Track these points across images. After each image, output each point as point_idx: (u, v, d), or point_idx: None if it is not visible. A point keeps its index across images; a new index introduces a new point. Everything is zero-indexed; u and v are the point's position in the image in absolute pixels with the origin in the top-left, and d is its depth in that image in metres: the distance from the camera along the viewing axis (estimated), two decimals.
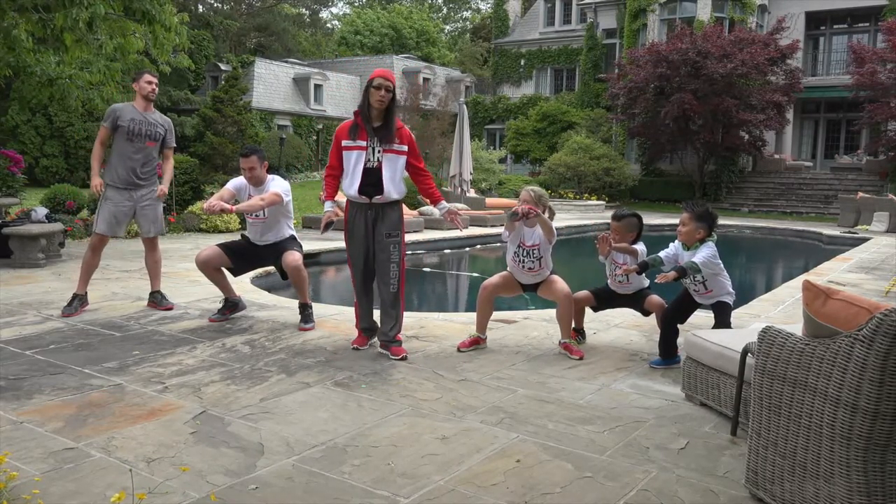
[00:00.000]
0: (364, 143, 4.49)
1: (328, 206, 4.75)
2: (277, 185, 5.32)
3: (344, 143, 4.55)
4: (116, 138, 5.67)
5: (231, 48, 40.48)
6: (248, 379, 4.00)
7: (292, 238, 5.47)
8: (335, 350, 4.67)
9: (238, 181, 5.41)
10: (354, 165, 4.49)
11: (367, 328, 4.80)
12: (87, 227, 10.53)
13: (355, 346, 4.72)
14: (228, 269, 5.44)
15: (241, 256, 5.44)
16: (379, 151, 4.48)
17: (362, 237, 4.59)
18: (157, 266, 5.95)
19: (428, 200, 4.84)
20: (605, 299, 4.93)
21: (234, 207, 4.98)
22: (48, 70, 9.37)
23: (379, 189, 4.49)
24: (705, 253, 4.30)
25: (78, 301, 5.63)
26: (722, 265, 4.43)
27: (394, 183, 4.52)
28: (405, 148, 4.56)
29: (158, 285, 5.98)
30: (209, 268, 5.34)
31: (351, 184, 4.50)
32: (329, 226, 4.72)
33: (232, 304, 5.55)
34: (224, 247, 5.40)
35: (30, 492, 2.50)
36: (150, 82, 5.70)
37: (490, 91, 34.83)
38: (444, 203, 4.74)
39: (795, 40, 22.70)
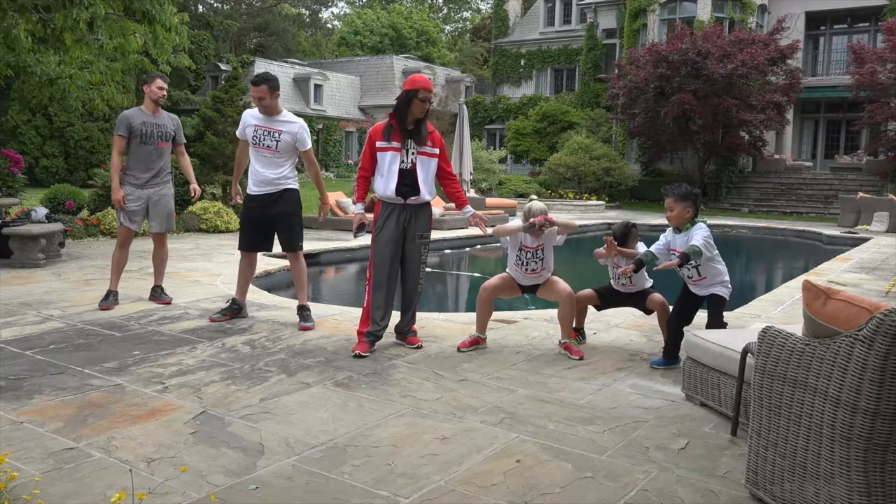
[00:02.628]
0: (398, 145, 4.55)
1: (358, 207, 4.75)
2: (305, 133, 5.27)
3: (378, 143, 4.58)
4: (131, 142, 5.83)
5: (231, 48, 40.48)
6: (248, 379, 4.00)
7: (296, 201, 5.36)
8: (335, 350, 4.67)
9: (243, 125, 5.28)
10: (389, 166, 4.55)
11: (374, 335, 4.65)
12: (87, 227, 10.53)
13: (357, 352, 4.51)
14: (265, 249, 5.50)
15: (257, 230, 5.37)
16: (413, 153, 4.57)
17: (393, 238, 4.61)
18: (163, 262, 6.15)
19: (454, 204, 4.94)
20: (609, 298, 4.94)
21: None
22: (48, 70, 9.36)
23: (415, 190, 4.58)
24: (702, 234, 4.27)
25: (113, 297, 5.88)
26: (717, 251, 4.41)
27: (427, 185, 4.62)
28: (437, 151, 4.67)
29: (161, 280, 6.16)
30: (251, 258, 5.50)
31: (387, 184, 4.55)
32: (362, 227, 4.73)
33: (237, 308, 5.54)
34: (245, 237, 5.43)
35: (30, 492, 2.50)
36: (161, 87, 5.87)
37: (490, 91, 34.83)
38: (469, 207, 4.86)
39: (795, 40, 22.70)
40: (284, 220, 5.31)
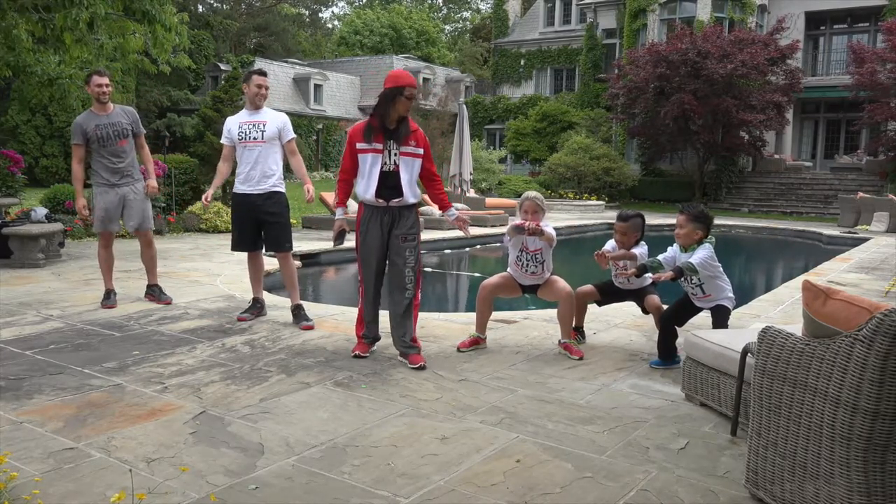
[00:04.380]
0: (380, 146, 4.33)
1: (339, 213, 4.61)
2: (288, 125, 5.38)
3: (358, 145, 4.37)
4: (91, 148, 5.77)
5: (231, 48, 40.50)
6: (248, 379, 4.00)
7: (284, 203, 5.35)
8: (335, 350, 4.66)
9: (227, 129, 5.35)
10: (370, 168, 4.33)
11: (369, 336, 4.60)
12: (87, 227, 10.53)
13: (356, 353, 4.48)
14: (260, 249, 5.51)
15: (248, 228, 5.37)
16: (395, 154, 4.35)
17: (377, 241, 4.41)
18: (153, 261, 6.08)
19: (437, 206, 4.72)
20: (610, 294, 4.96)
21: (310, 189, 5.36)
22: (48, 70, 9.37)
23: (397, 192, 4.36)
24: (702, 254, 4.29)
25: (113, 294, 5.92)
26: (721, 268, 4.41)
27: (411, 186, 4.40)
28: (421, 151, 4.43)
29: (155, 279, 6.12)
30: (253, 257, 5.54)
31: (367, 187, 4.34)
32: (342, 235, 4.57)
33: (259, 306, 5.61)
34: (236, 237, 5.45)
35: (30, 492, 2.50)
36: (99, 84, 5.69)
37: (490, 91, 34.84)
38: (453, 210, 4.65)
39: (795, 40, 22.71)
40: (272, 220, 5.32)
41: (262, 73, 5.32)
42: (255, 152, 5.25)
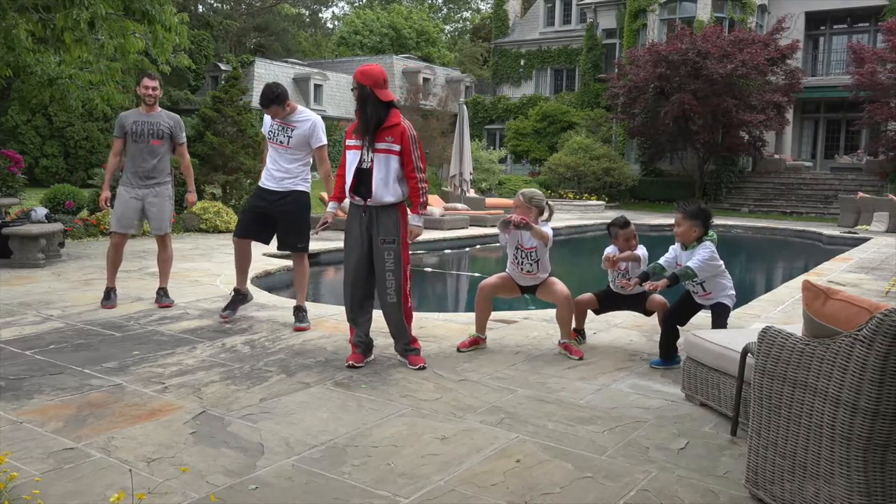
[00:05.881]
0: (359, 143, 4.31)
1: (331, 206, 4.60)
2: (319, 128, 5.28)
3: (348, 142, 4.39)
4: (126, 142, 5.88)
5: (231, 48, 40.49)
6: (248, 379, 4.00)
7: (303, 203, 5.31)
8: (335, 350, 4.66)
9: (264, 123, 5.37)
10: (350, 165, 4.34)
11: (361, 343, 4.42)
12: (87, 227, 10.53)
13: (350, 363, 4.30)
14: (261, 241, 5.43)
15: (255, 218, 5.34)
16: (371, 151, 4.27)
17: (356, 241, 4.36)
18: (166, 264, 6.11)
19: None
20: (608, 301, 4.96)
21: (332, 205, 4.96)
22: (48, 70, 9.36)
23: (369, 191, 4.27)
24: (702, 255, 4.28)
25: (114, 294, 5.93)
26: (722, 266, 4.41)
27: (386, 185, 4.25)
28: (397, 147, 4.26)
29: (164, 283, 6.12)
30: (244, 247, 5.46)
31: (347, 184, 4.35)
32: (325, 226, 4.55)
33: (240, 297, 5.59)
34: (241, 223, 5.42)
35: (30, 492, 2.50)
36: (146, 87, 5.85)
37: (490, 91, 34.84)
38: (417, 217, 4.41)
39: (795, 40, 22.72)
40: (287, 219, 5.28)
41: (266, 105, 5.13)
42: (279, 154, 5.28)
